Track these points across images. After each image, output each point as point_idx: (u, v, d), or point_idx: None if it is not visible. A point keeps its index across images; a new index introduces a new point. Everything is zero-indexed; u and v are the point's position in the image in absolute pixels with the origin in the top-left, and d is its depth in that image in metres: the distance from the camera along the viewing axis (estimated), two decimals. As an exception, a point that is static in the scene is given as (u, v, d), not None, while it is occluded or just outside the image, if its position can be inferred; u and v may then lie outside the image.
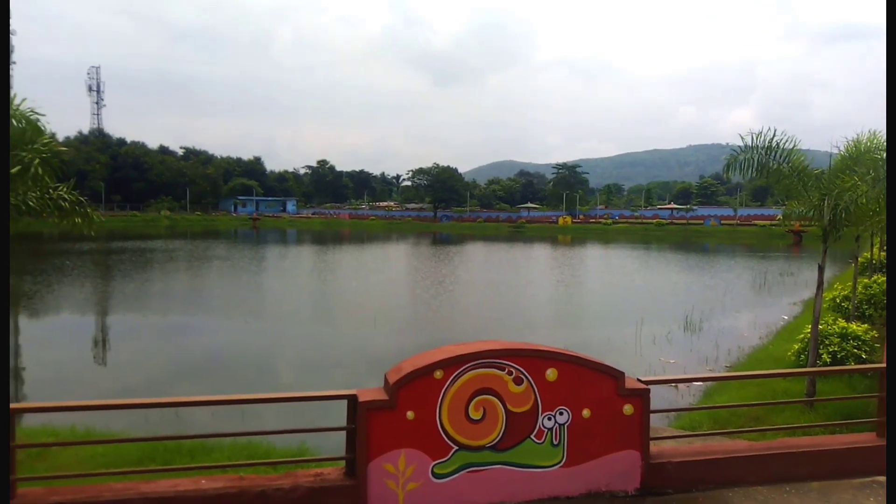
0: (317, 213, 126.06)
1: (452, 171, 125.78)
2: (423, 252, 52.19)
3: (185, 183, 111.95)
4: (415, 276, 34.21)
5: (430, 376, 4.95)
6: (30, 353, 15.81)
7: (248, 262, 39.97)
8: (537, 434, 5.16)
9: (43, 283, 27.53)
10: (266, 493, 4.83)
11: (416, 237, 76.31)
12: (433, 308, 22.81)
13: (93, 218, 7.14)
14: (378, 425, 4.89)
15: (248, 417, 9.42)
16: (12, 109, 5.98)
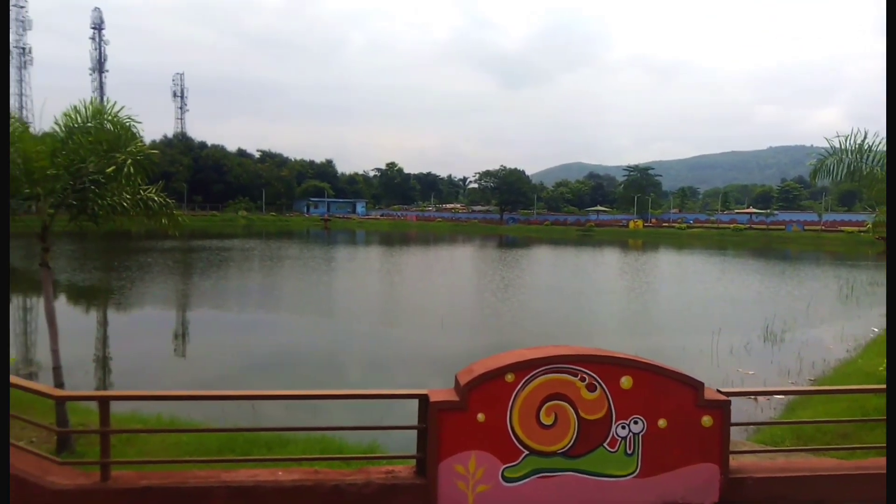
0: (385, 215, 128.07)
1: (519, 173, 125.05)
2: (489, 255, 52.11)
3: (262, 184, 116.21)
4: (481, 278, 34.20)
5: (501, 379, 4.93)
6: (116, 345, 16.78)
7: (319, 262, 41.03)
8: (610, 442, 5.05)
9: (129, 278, 29.19)
10: (340, 487, 4.94)
11: (482, 239, 76.31)
12: (499, 311, 22.72)
13: (178, 219, 7.50)
14: (449, 426, 4.91)
15: (320, 413, 9.66)
16: (110, 115, 6.38)
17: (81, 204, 6.39)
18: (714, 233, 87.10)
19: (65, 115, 6.34)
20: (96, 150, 6.23)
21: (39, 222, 6.54)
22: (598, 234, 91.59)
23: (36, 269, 27.04)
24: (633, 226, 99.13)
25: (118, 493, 4.95)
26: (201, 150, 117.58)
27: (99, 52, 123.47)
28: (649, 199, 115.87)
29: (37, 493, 5.04)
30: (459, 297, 26.41)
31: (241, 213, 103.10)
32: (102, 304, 23.18)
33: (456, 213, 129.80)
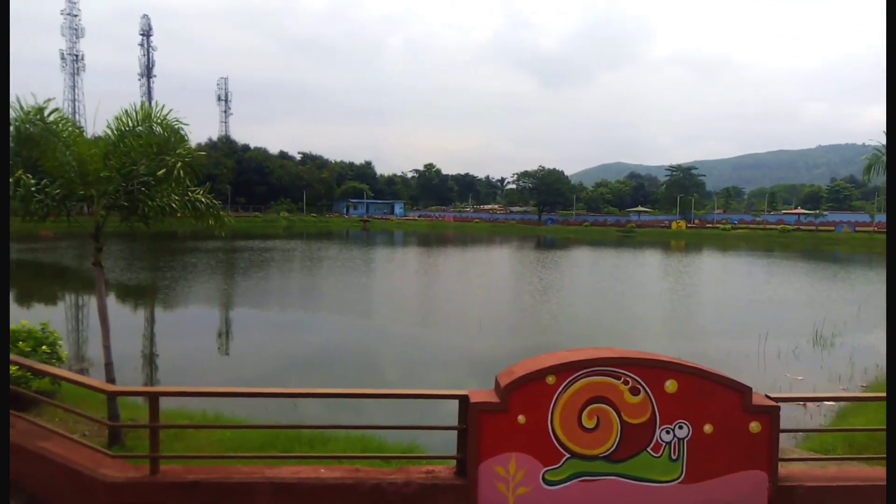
0: (423, 216, 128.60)
1: (558, 173, 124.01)
2: (527, 256, 51.80)
3: (303, 186, 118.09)
4: (519, 280, 34.03)
5: (542, 381, 4.90)
6: (162, 342, 17.26)
7: (358, 263, 41.44)
8: (654, 447, 4.96)
9: (174, 278, 30.00)
10: (381, 486, 4.98)
11: (520, 240, 75.92)
12: (537, 314, 22.57)
13: (224, 220, 7.66)
14: (489, 427, 4.90)
15: (359, 412, 9.75)
16: (159, 119, 6.57)
17: (132, 205, 6.60)
18: (760, 234, 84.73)
19: (116, 119, 6.56)
20: (147, 153, 6.43)
21: (93, 223, 6.77)
22: (639, 236, 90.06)
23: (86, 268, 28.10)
24: (675, 227, 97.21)
25: (167, 486, 5.09)
26: (244, 152, 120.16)
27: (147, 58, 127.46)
28: (692, 199, 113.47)
29: (90, 484, 5.22)
30: (497, 299, 26.33)
31: (282, 214, 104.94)
32: (150, 302, 23.88)
33: (494, 214, 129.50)
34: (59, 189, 6.49)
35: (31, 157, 6.56)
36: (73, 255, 40.94)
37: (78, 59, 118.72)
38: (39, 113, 6.09)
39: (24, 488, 5.81)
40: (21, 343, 7.96)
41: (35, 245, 47.30)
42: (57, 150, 6.24)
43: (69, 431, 6.32)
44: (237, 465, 5.42)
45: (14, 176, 6.31)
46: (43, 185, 6.43)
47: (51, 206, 6.47)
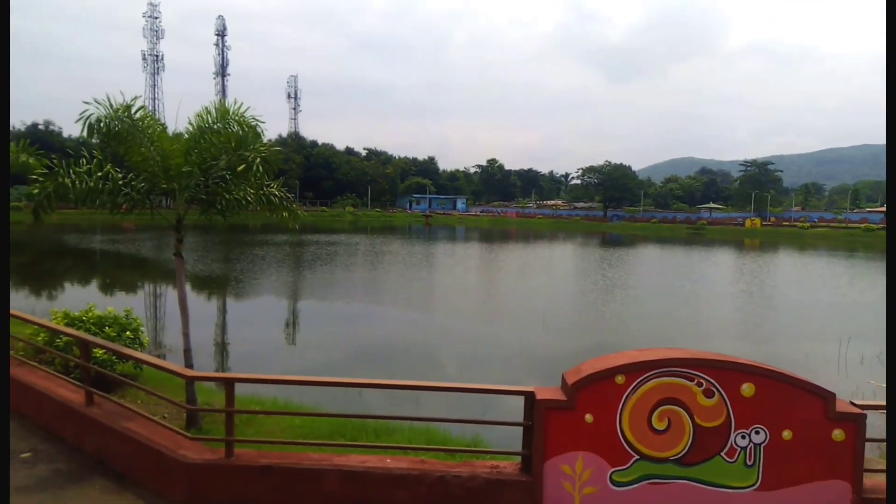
0: (485, 211, 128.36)
1: (625, 168, 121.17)
2: (591, 253, 50.89)
3: (367, 181, 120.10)
4: (583, 277, 33.48)
5: (611, 380, 4.81)
6: (233, 331, 17.95)
7: (420, 258, 41.81)
8: (728, 452, 4.79)
9: (245, 269, 31.13)
10: (445, 479, 5.01)
11: (584, 237, 74.63)
12: (602, 312, 22.15)
13: (297, 213, 7.87)
14: (555, 425, 4.85)
15: (422, 404, 9.86)
16: (238, 116, 6.81)
17: (210, 198, 6.89)
18: (842, 233, 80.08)
19: (197, 116, 6.86)
20: (226, 149, 6.69)
21: (174, 215, 7.11)
22: (710, 233, 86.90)
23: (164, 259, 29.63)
24: (749, 224, 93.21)
25: (241, 469, 5.29)
26: (312, 148, 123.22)
27: (222, 58, 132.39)
28: (768, 196, 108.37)
29: (171, 464, 5.50)
30: (560, 297, 26.00)
31: (348, 208, 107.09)
32: (221, 292, 24.87)
33: (557, 210, 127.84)
34: (144, 183, 6.84)
35: (118, 152, 6.93)
36: (152, 246, 43.13)
37: (158, 60, 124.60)
38: (127, 110, 6.43)
39: (111, 466, 6.18)
40: (107, 328, 8.45)
41: (117, 236, 50.08)
42: (142, 146, 6.58)
43: (150, 413, 6.67)
44: (307, 452, 5.57)
45: (103, 170, 6.69)
46: (129, 180, 6.80)
47: (136, 199, 6.83)
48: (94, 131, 6.28)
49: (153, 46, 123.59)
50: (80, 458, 6.43)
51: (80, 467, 6.23)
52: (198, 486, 5.37)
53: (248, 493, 5.29)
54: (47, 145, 12.22)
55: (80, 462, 6.34)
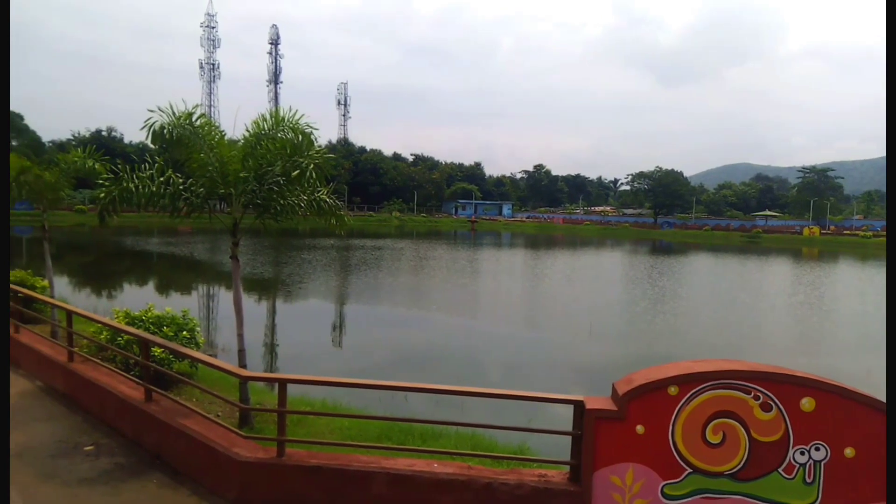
0: (531, 217, 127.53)
1: (677, 174, 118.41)
2: (640, 261, 49.91)
3: (414, 187, 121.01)
4: (631, 286, 32.88)
5: (663, 391, 4.71)
6: (282, 333, 18.33)
7: (465, 263, 41.83)
8: (787, 468, 4.63)
9: (293, 273, 31.76)
10: (493, 485, 4.99)
11: (633, 244, 73.28)
12: (651, 322, 21.68)
13: (344, 219, 8.00)
14: (605, 435, 4.78)
15: (465, 409, 9.85)
16: (292, 123, 6.98)
17: (265, 203, 7.07)
18: (908, 242, 76.15)
19: (253, 124, 7.06)
20: (280, 155, 6.87)
21: (230, 219, 7.32)
22: (765, 241, 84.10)
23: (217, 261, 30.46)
24: (807, 233, 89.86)
25: (292, 468, 5.40)
26: (361, 154, 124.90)
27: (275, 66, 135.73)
28: (828, 203, 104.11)
29: (225, 462, 5.65)
30: (608, 304, 25.59)
31: (394, 213, 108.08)
32: (271, 294, 25.44)
33: (605, 217, 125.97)
34: (203, 188, 7.08)
35: (178, 158, 7.19)
36: (206, 248, 44.47)
37: (214, 68, 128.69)
38: (188, 118, 6.67)
39: (167, 461, 6.39)
40: (165, 328, 8.74)
41: (173, 239, 51.82)
42: (202, 152, 6.81)
43: (205, 411, 6.87)
44: (356, 454, 5.64)
45: (164, 175, 6.95)
46: (189, 185, 7.05)
47: (195, 203, 7.07)
48: (158, 138, 6.53)
49: (210, 55, 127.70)
50: (138, 452, 6.68)
51: (138, 461, 6.47)
52: (250, 483, 5.51)
53: (298, 493, 5.39)
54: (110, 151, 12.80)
55: (138, 456, 6.59)
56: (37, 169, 10.87)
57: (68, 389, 8.33)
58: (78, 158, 10.80)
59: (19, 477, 5.97)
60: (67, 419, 7.61)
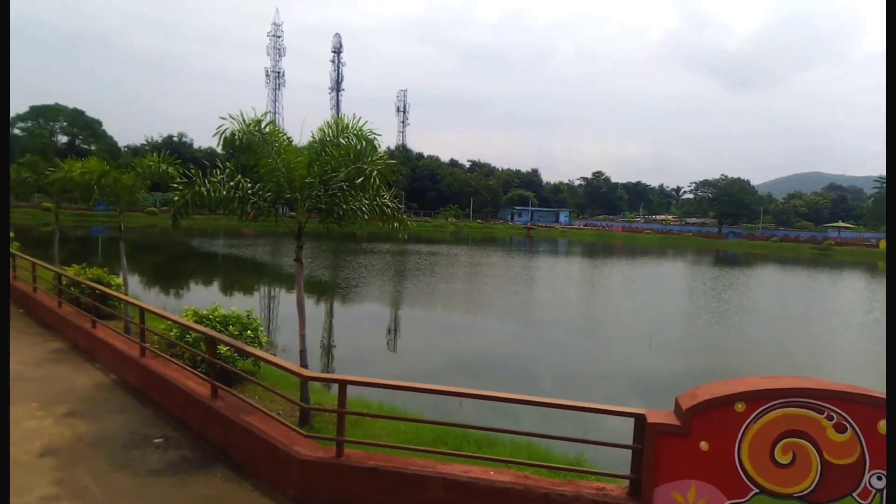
0: (589, 225, 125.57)
1: (743, 183, 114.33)
2: (703, 272, 48.37)
3: (470, 193, 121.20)
4: (694, 297, 31.92)
5: (729, 408, 4.56)
6: (338, 335, 18.66)
7: (520, 270, 41.55)
8: (862, 493, 4.40)
9: (350, 276, 32.30)
10: (550, 496, 4.94)
11: (696, 254, 71.11)
12: (715, 335, 20.99)
13: (406, 224, 8.10)
14: (667, 450, 4.67)
15: (518, 417, 9.76)
16: (355, 129, 7.13)
17: (329, 208, 7.24)
18: None
19: (319, 130, 7.26)
20: (344, 161, 7.03)
21: (295, 223, 7.54)
22: (837, 254, 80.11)
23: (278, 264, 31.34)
24: (884, 246, 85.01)
25: (350, 469, 5.49)
26: (418, 160, 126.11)
27: (337, 73, 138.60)
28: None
29: (285, 459, 5.80)
30: (668, 316, 24.92)
31: (450, 219, 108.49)
32: (328, 297, 25.95)
33: (667, 226, 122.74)
34: (270, 192, 7.32)
35: (247, 163, 7.47)
36: (268, 251, 45.80)
37: (280, 76, 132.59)
38: (257, 125, 6.92)
39: (231, 456, 6.61)
40: (231, 327, 9.07)
41: (237, 241, 53.58)
42: (270, 157, 7.05)
43: (268, 409, 7.07)
44: (412, 458, 5.68)
45: (234, 180, 7.23)
46: (257, 189, 7.31)
47: (262, 207, 7.32)
48: (228, 144, 6.79)
49: (275, 63, 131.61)
50: (204, 446, 6.94)
51: (204, 455, 6.71)
52: (309, 482, 5.63)
53: (355, 493, 5.48)
54: (181, 156, 13.41)
55: (204, 450, 6.84)
56: (115, 172, 11.46)
57: (140, 383, 8.72)
58: (153, 163, 11.33)
59: (94, 465, 6.30)
60: (139, 412, 7.98)
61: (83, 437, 6.98)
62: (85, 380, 9.20)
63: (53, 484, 5.83)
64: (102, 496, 5.65)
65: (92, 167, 11.55)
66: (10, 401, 8.04)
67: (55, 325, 12.25)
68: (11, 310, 14.13)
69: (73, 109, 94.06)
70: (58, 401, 8.15)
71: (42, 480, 5.88)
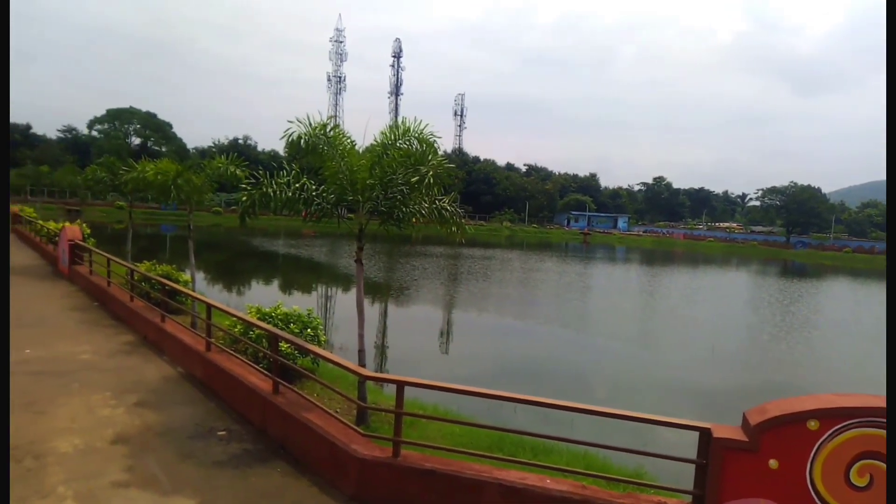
0: (648, 231, 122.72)
1: (814, 190, 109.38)
2: (770, 283, 46.49)
3: (526, 197, 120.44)
4: (759, 309, 30.72)
5: (802, 425, 4.36)
6: (391, 335, 18.84)
7: (576, 277, 40.95)
8: (948, 523, 4.11)
9: (404, 279, 32.58)
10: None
11: (761, 264, 68.43)
12: (782, 349, 20.13)
13: (464, 228, 8.11)
14: (734, 467, 4.50)
15: (572, 426, 9.60)
16: (417, 133, 7.21)
17: (389, 210, 7.34)
18: None
19: (381, 134, 7.38)
20: (405, 164, 7.12)
21: (356, 225, 7.68)
22: (916, 267, 75.34)
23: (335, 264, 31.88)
24: (969, 259, 79.49)
25: (407, 470, 5.53)
26: (474, 164, 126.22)
27: (396, 78, 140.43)
28: None
29: (343, 457, 5.89)
30: (732, 327, 24.06)
31: (505, 224, 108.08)
32: (383, 298, 26.25)
33: (731, 233, 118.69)
34: (333, 194, 7.48)
35: (313, 165, 7.65)
36: (326, 251, 46.75)
37: (341, 80, 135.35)
38: (323, 128, 7.09)
39: (290, 451, 6.76)
40: (292, 325, 9.29)
41: (296, 241, 54.91)
42: (334, 160, 7.20)
43: (326, 407, 7.20)
44: (468, 462, 5.67)
45: (300, 182, 7.41)
46: (321, 191, 7.48)
47: (326, 208, 7.48)
48: (295, 147, 6.98)
49: (337, 68, 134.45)
50: (265, 440, 7.12)
51: (264, 449, 6.89)
52: (366, 480, 5.70)
53: (410, 494, 5.51)
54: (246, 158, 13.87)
55: (265, 444, 7.02)
56: (187, 174, 11.95)
57: (205, 377, 9.04)
58: (221, 165, 11.76)
59: (162, 454, 6.56)
60: (204, 404, 8.26)
61: (152, 427, 7.28)
62: (154, 371, 9.60)
63: (124, 471, 6.10)
64: (169, 485, 5.87)
65: (166, 168, 12.08)
66: (88, 389, 8.51)
67: (127, 318, 12.84)
68: (87, 302, 14.91)
69: (146, 112, 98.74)
70: (129, 391, 8.53)
71: (114, 466, 6.17)
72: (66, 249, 18.65)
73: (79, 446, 6.56)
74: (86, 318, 13.09)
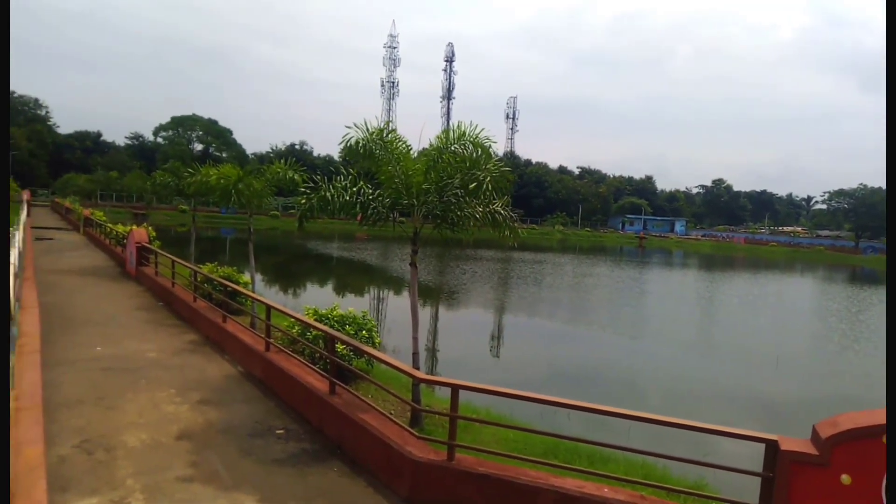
0: (707, 235, 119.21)
1: (885, 193, 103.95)
2: (837, 290, 44.42)
3: (578, 200, 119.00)
4: (825, 318, 29.39)
5: (876, 440, 4.15)
6: (442, 339, 18.88)
7: (631, 282, 40.11)
8: None
9: (456, 282, 32.64)
10: (668, 519, 4.71)
11: (828, 270, 65.48)
12: (852, 361, 19.19)
13: (517, 232, 8.08)
14: (803, 481, 4.32)
15: (634, 435, 9.40)
16: (472, 137, 7.22)
17: (443, 214, 7.39)
18: None
19: (437, 138, 7.44)
20: (460, 168, 7.15)
21: (410, 228, 7.75)
22: None
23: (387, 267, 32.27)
24: None
25: (461, 473, 5.53)
26: (526, 167, 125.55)
27: (448, 82, 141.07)
28: None
29: (398, 459, 5.94)
30: (794, 336, 23.10)
31: (557, 227, 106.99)
32: (434, 301, 26.36)
33: (795, 238, 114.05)
34: (388, 199, 7.58)
35: (369, 170, 7.77)
36: (379, 255, 47.35)
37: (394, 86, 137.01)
38: (380, 134, 7.19)
39: (346, 451, 6.87)
40: (347, 326, 9.46)
41: (349, 245, 55.83)
42: (390, 165, 7.30)
43: (381, 408, 7.28)
44: (524, 468, 5.63)
45: (357, 186, 7.54)
46: (378, 195, 7.59)
47: (381, 212, 7.59)
48: (352, 152, 7.11)
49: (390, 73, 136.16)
50: (322, 440, 7.26)
51: (321, 448, 7.02)
52: (421, 483, 5.73)
53: (464, 498, 5.50)
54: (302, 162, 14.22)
55: (321, 444, 7.15)
56: (248, 178, 12.33)
57: (264, 376, 9.28)
58: (280, 169, 12.08)
59: (224, 451, 6.76)
60: (263, 403, 8.49)
61: (214, 424, 7.52)
62: (215, 370, 9.92)
63: (188, 466, 6.31)
64: (230, 481, 6.05)
65: (228, 173, 12.49)
66: (154, 385, 8.87)
67: (190, 318, 13.32)
68: (153, 302, 15.54)
69: (208, 119, 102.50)
70: (192, 388, 8.84)
71: (179, 462, 6.40)
72: (133, 251, 19.51)
73: (146, 441, 6.83)
74: (151, 318, 13.64)
